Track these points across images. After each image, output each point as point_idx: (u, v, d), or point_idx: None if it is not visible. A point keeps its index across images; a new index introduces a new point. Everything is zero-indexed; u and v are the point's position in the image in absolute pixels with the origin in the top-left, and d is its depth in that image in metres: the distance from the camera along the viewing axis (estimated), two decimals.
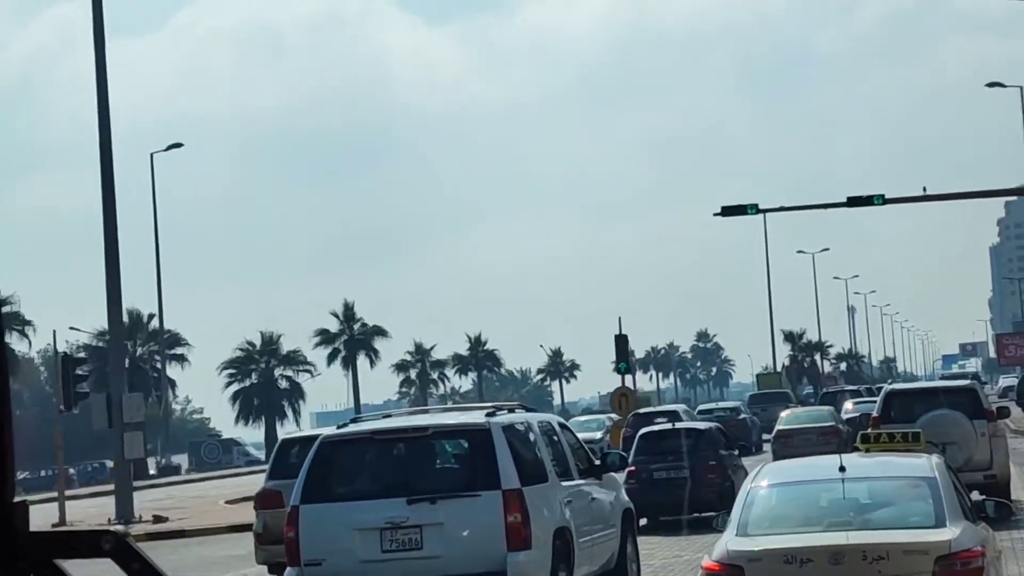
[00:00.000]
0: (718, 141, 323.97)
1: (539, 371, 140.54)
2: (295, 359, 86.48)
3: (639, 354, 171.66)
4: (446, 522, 14.29)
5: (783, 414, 44.89)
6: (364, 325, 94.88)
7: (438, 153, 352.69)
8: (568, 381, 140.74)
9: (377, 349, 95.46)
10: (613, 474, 18.07)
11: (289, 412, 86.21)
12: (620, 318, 49.80)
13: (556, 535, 14.83)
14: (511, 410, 16.17)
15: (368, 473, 15.26)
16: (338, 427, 15.89)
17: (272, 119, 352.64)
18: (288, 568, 14.67)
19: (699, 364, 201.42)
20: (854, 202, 51.92)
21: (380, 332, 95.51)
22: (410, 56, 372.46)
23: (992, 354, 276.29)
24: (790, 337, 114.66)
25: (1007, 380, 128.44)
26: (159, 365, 74.26)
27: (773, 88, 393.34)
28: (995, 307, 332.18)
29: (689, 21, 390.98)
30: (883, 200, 51.95)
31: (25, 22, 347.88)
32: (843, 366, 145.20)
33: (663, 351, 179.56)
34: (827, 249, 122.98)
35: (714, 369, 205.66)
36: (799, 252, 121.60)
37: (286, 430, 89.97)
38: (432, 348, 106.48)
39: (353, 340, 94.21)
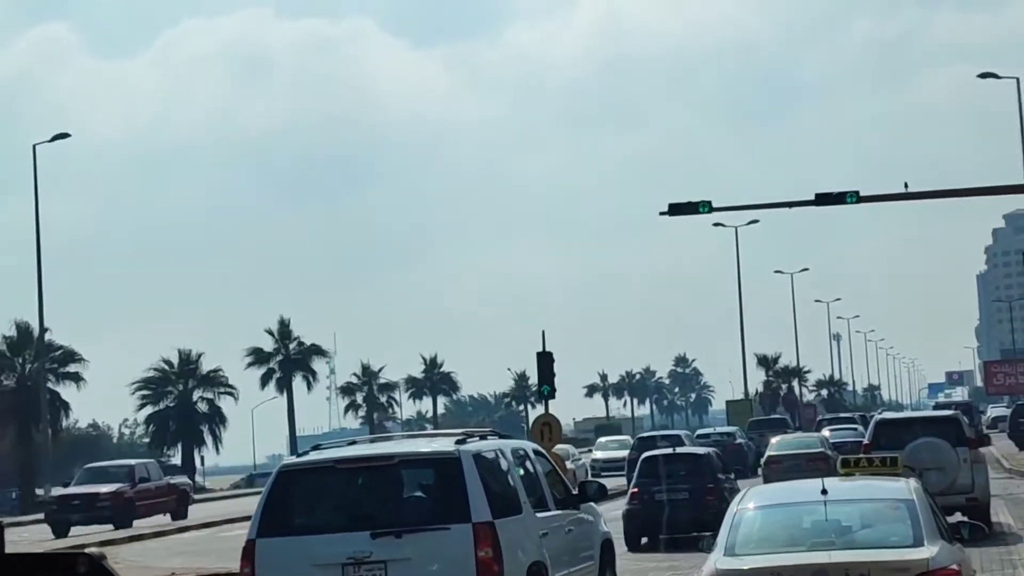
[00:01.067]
0: (701, 166, 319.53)
1: (504, 395, 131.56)
2: (215, 380, 77.78)
3: (612, 379, 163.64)
4: (413, 557, 13.39)
5: (773, 440, 45.08)
6: (301, 344, 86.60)
7: (421, 176, 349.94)
8: (534, 406, 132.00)
9: (315, 370, 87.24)
10: (592, 504, 16.92)
11: (209, 438, 77.60)
12: (544, 332, 41.37)
13: (530, 570, 13.95)
14: (483, 436, 14.95)
15: (330, 505, 14.12)
16: (298, 455, 14.88)
17: (256, 141, 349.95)
18: None
19: (677, 390, 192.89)
20: (824, 200, 43.95)
21: (318, 351, 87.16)
22: (395, 80, 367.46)
23: (979, 382, 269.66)
24: (764, 361, 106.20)
25: (996, 410, 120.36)
26: (56, 384, 65.69)
27: (756, 113, 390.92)
28: (982, 335, 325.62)
29: (673, 46, 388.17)
30: (857, 198, 43.91)
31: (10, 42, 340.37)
32: (824, 393, 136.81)
33: (638, 376, 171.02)
34: (806, 269, 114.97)
35: (693, 395, 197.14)
36: (776, 272, 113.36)
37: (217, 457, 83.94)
38: (381, 370, 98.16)
39: (288, 360, 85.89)
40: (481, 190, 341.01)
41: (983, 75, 58.17)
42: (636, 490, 28.69)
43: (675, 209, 44.75)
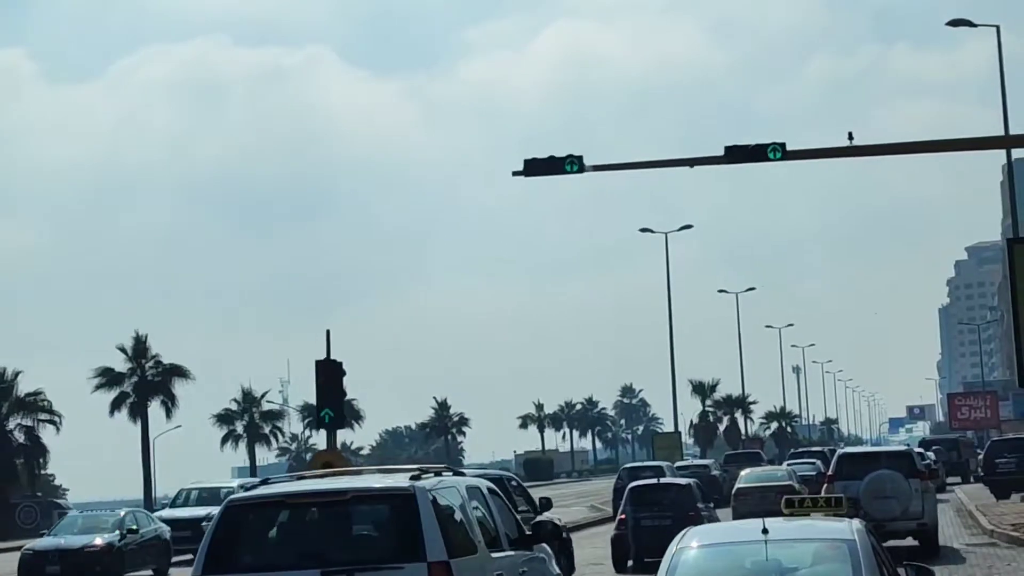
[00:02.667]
0: (658, 201, 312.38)
1: (422, 425, 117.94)
2: (34, 405, 64.24)
3: (549, 409, 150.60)
4: None
5: (742, 473, 45.84)
6: (158, 364, 73.10)
7: (377, 208, 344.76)
8: (455, 437, 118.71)
9: (175, 395, 73.68)
10: (544, 544, 16.01)
11: (24, 472, 64.01)
12: (328, 331, 28.52)
13: None
14: (437, 473, 14.02)
15: (279, 541, 13.23)
16: (245, 489, 14.42)
17: (210, 170, 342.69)
18: None
19: (623, 422, 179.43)
20: (735, 156, 31.12)
21: (179, 372, 73.58)
22: (352, 110, 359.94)
23: (940, 417, 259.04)
24: (699, 389, 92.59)
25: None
26: None
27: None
28: (944, 369, 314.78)
29: (632, 81, 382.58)
30: (782, 152, 30.95)
31: None
32: (773, 427, 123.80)
33: (579, 407, 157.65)
34: (752, 288, 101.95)
35: (640, 427, 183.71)
36: (720, 292, 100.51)
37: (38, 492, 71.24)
38: (264, 395, 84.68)
39: (144, 382, 72.49)
40: (436, 223, 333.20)
41: (953, 22, 45.75)
42: (623, 516, 30.39)
43: (532, 168, 31.88)
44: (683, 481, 33.34)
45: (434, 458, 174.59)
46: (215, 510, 37.36)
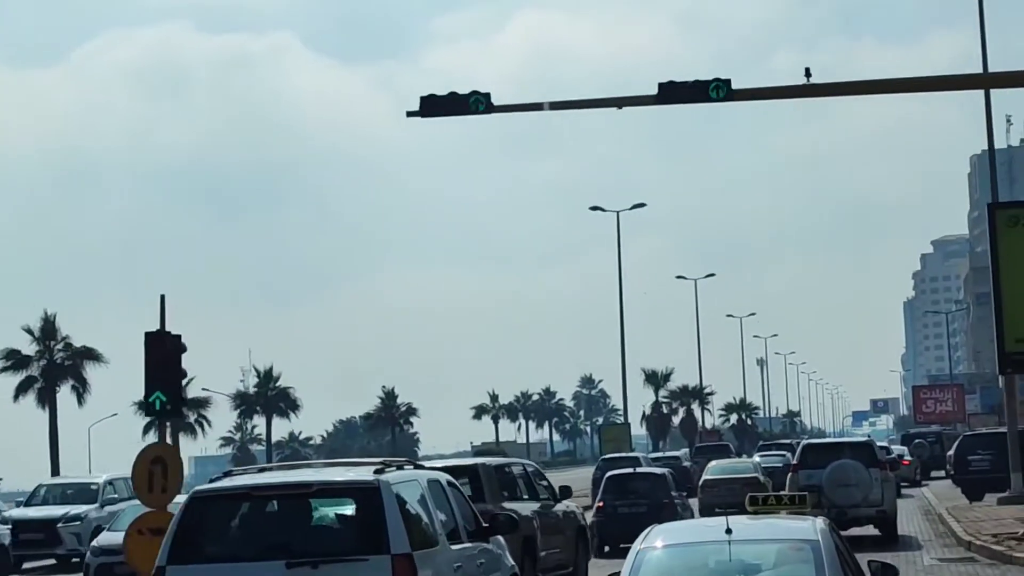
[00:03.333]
0: (629, 193, 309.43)
1: (368, 415, 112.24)
2: None
3: (505, 399, 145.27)
4: None
5: (710, 465, 46.03)
6: (68, 346, 67.30)
7: (342, 197, 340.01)
8: (402, 427, 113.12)
9: (86, 380, 67.88)
10: (500, 537, 16.01)
11: None
12: (163, 297, 23.17)
13: None
14: (400, 466, 14.11)
15: (244, 533, 13.34)
16: (210, 480, 14.00)
17: (173, 157, 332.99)
18: None
19: (582, 413, 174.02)
20: (671, 95, 25.67)
21: (91, 356, 67.77)
22: (318, 98, 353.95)
23: (904, 411, 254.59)
24: (652, 379, 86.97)
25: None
26: None
27: (681, 139, 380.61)
28: (908, 363, 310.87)
29: (601, 72, 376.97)
30: (727, 91, 25.56)
31: None
32: (733, 419, 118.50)
33: (537, 397, 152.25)
34: (712, 275, 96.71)
35: (600, 419, 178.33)
36: (678, 278, 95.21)
37: None
38: (189, 381, 78.73)
39: (52, 365, 66.69)
40: (400, 212, 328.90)
41: None
42: (601, 504, 31.91)
43: (431, 106, 26.49)
44: (658, 471, 35.34)
45: (388, 450, 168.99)
46: (78, 509, 30.98)
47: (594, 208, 71.37)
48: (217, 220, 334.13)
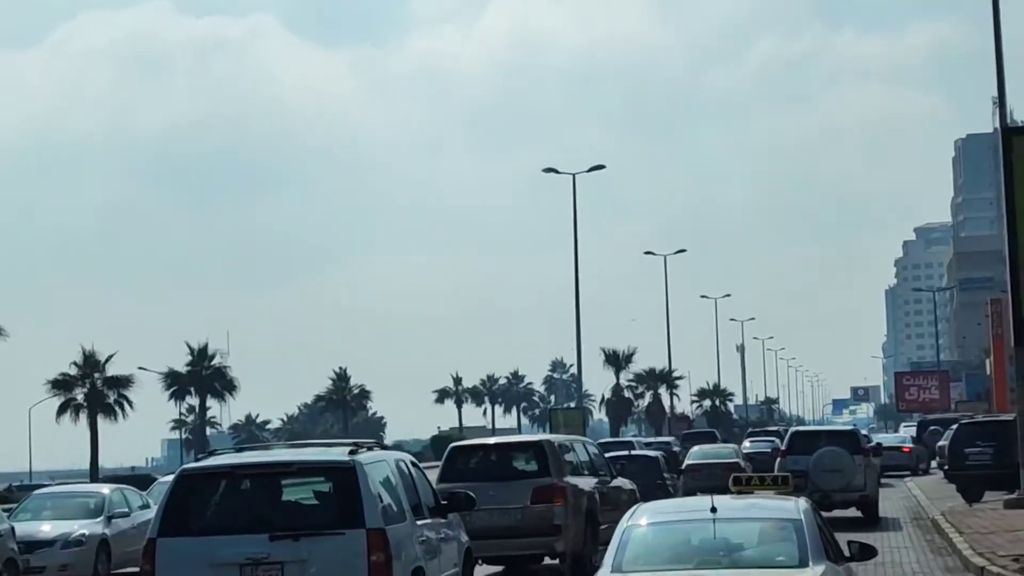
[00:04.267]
0: (605, 178, 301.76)
1: (318, 398, 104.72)
2: None
3: (468, 383, 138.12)
4: (309, 559, 13.47)
5: (692, 449, 46.72)
6: None
7: (319, 181, 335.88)
8: (355, 411, 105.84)
9: None
10: (456, 513, 16.89)
11: None
12: None
13: (413, 574, 14.32)
14: (370, 448, 15.03)
15: (229, 508, 13.98)
16: (196, 459, 15.65)
17: (152, 140, 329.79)
18: None
19: (553, 398, 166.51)
20: None
21: None
22: (298, 81, 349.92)
23: (884, 399, 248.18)
24: (613, 360, 79.35)
25: (908, 430, 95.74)
26: None
27: (661, 126, 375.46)
28: (890, 350, 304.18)
29: (579, 57, 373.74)
30: None
31: None
32: (706, 405, 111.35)
33: (504, 381, 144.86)
34: (683, 250, 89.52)
35: (572, 404, 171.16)
36: (647, 253, 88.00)
37: None
38: (110, 359, 71.39)
39: None
40: (378, 196, 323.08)
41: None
42: None
43: None
44: (652, 453, 38.07)
45: (353, 434, 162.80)
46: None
47: (548, 170, 64.18)
48: (193, 202, 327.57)
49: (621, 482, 25.77)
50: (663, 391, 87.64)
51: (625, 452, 37.15)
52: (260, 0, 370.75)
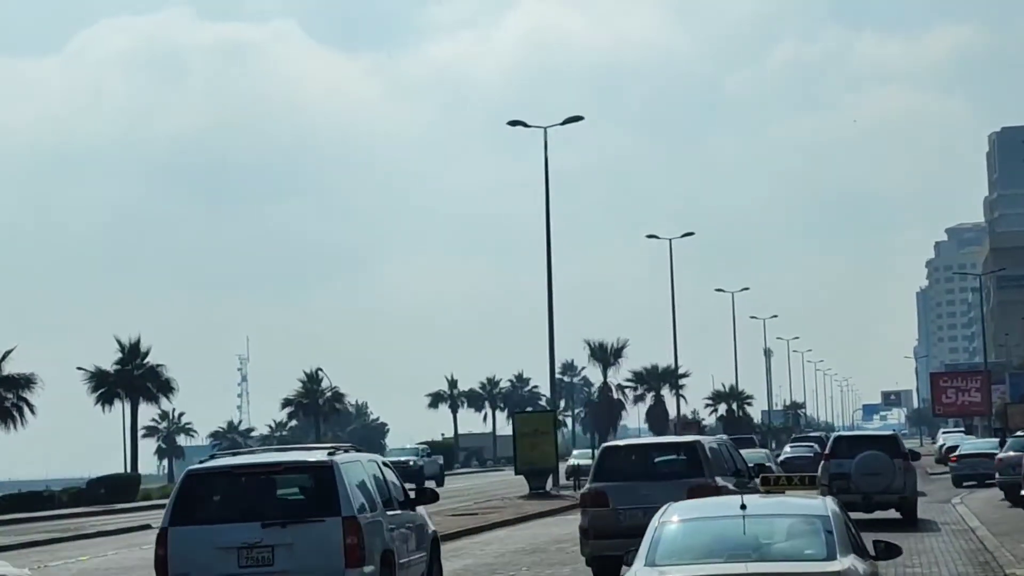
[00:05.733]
0: (625, 181, 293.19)
1: (286, 401, 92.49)
2: None
3: (472, 385, 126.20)
4: (295, 543, 15.70)
5: None
6: None
7: (340, 185, 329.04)
8: (327, 417, 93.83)
9: None
10: (423, 507, 18.86)
11: None
12: None
13: (383, 556, 16.33)
14: (345, 450, 17.19)
15: (228, 501, 16.24)
16: (200, 462, 17.17)
17: (171, 144, 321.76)
18: None
19: (563, 402, 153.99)
20: None
21: None
22: (318, 86, 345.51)
23: (917, 403, 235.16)
24: (599, 354, 66.32)
25: (949, 436, 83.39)
26: None
27: (680, 130, 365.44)
28: (921, 354, 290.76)
29: (598, 61, 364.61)
30: None
31: None
32: (721, 409, 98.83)
33: (508, 384, 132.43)
34: (691, 233, 77.38)
35: (582, 409, 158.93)
36: (649, 237, 75.75)
37: None
38: (7, 355, 59.47)
39: None
40: (399, 203, 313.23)
41: None
42: None
43: None
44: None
45: (353, 440, 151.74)
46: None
47: (514, 123, 52.26)
48: (210, 207, 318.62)
49: (755, 484, 25.74)
50: (667, 392, 75.54)
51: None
52: (279, 5, 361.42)
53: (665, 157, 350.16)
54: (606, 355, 64.60)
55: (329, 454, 16.37)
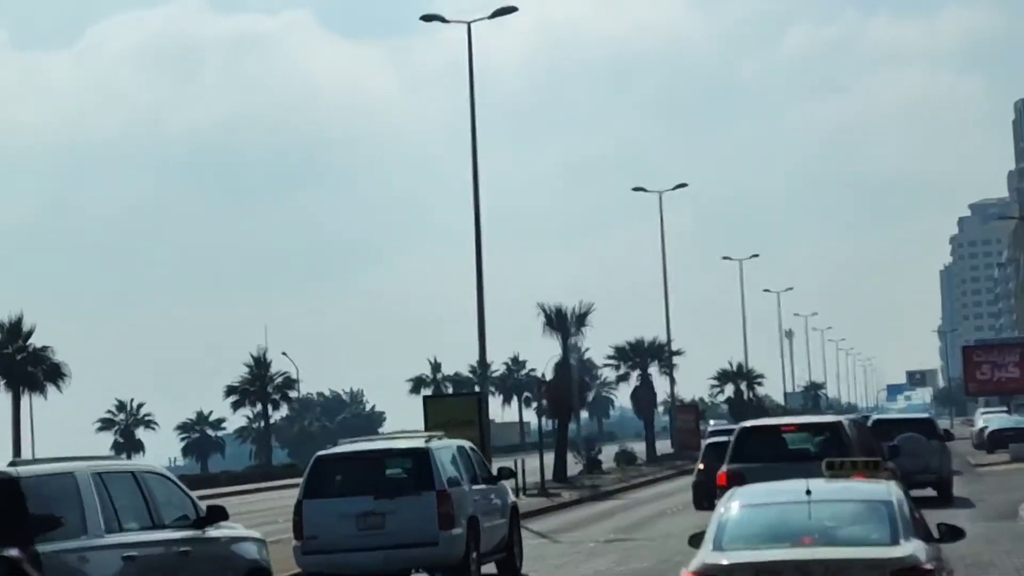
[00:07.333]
0: (642, 169, 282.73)
1: (230, 388, 79.52)
2: None
3: (460, 369, 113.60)
4: (400, 511, 19.62)
5: None
6: None
7: (358, 177, 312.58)
8: (277, 405, 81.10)
9: None
10: (504, 482, 23.08)
11: None
12: None
13: (469, 521, 20.12)
14: (439, 438, 21.43)
15: (348, 479, 20.27)
16: (327, 449, 21.96)
17: (185, 139, 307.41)
18: (294, 540, 20.03)
19: None
20: None
21: None
22: (333, 77, 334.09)
23: (943, 382, 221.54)
24: (557, 322, 52.06)
25: (990, 417, 70.50)
26: None
27: (696, 116, 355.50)
28: (945, 334, 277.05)
29: (612, 49, 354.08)
30: None
31: None
32: (727, 390, 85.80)
33: (504, 368, 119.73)
34: (684, 185, 64.87)
35: (591, 393, 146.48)
36: (636, 190, 62.89)
37: None
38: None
39: None
40: (417, 191, 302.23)
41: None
42: (702, 466, 35.09)
43: None
44: None
45: (341, 432, 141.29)
46: None
47: (429, 18, 39.51)
48: (226, 200, 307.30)
49: (891, 464, 24.47)
50: (653, 369, 62.97)
51: (724, 438, 37.22)
52: None
53: (681, 144, 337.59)
54: (565, 322, 51.18)
55: (426, 441, 20.64)
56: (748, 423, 25.23)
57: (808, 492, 11.16)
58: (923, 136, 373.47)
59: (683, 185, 65.69)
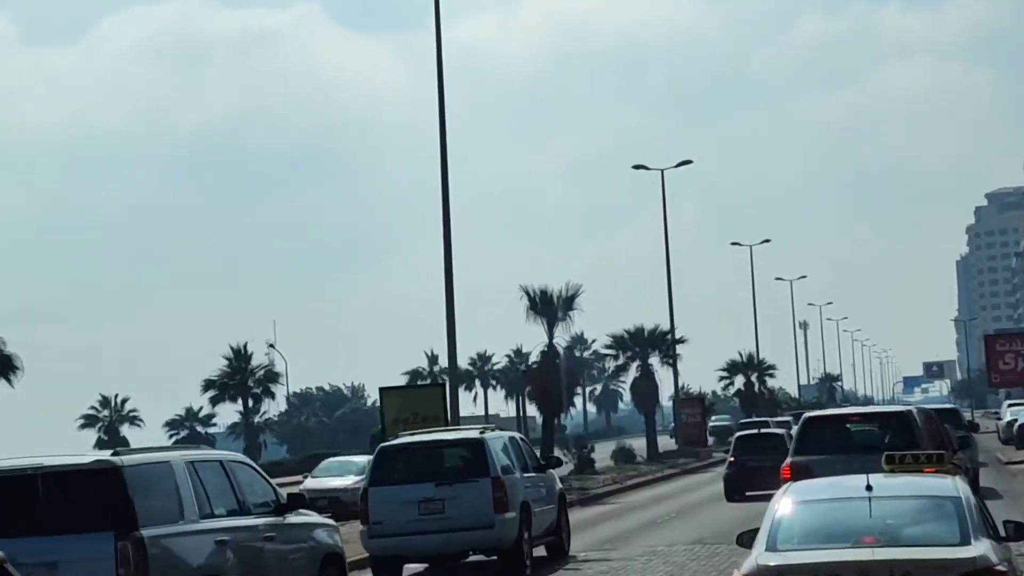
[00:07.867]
0: (649, 160, 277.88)
1: (209, 383, 74.78)
2: None
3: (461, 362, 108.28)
4: (458, 497, 21.07)
5: None
6: None
7: (369, 171, 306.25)
8: (256, 401, 76.33)
9: None
10: (552, 470, 24.97)
11: None
12: None
13: (522, 506, 21.61)
14: (492, 429, 23.31)
15: (410, 467, 21.68)
16: (388, 440, 23.86)
17: (195, 134, 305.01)
18: (360, 526, 21.53)
19: None
20: None
21: None
22: (342, 71, 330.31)
23: (961, 374, 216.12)
24: (543, 305, 46.54)
25: (1019, 410, 65.58)
26: None
27: (706, 108, 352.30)
28: (962, 324, 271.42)
29: (622, 40, 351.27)
30: None
31: None
32: (737, 382, 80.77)
33: (505, 360, 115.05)
34: (689, 162, 59.95)
35: (598, 386, 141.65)
36: (636, 166, 57.99)
37: None
38: None
39: None
40: (426, 186, 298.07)
41: None
42: (733, 459, 36.79)
43: None
44: (779, 431, 40.84)
45: (337, 426, 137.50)
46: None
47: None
48: (235, 195, 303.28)
49: (960, 456, 24.30)
50: (655, 359, 58.13)
51: (755, 431, 40.79)
52: None
53: (691, 134, 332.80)
54: (552, 306, 46.02)
55: (480, 432, 22.19)
56: (812, 413, 24.79)
57: (869, 487, 10.56)
58: (937, 126, 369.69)
59: (687, 162, 60.87)
